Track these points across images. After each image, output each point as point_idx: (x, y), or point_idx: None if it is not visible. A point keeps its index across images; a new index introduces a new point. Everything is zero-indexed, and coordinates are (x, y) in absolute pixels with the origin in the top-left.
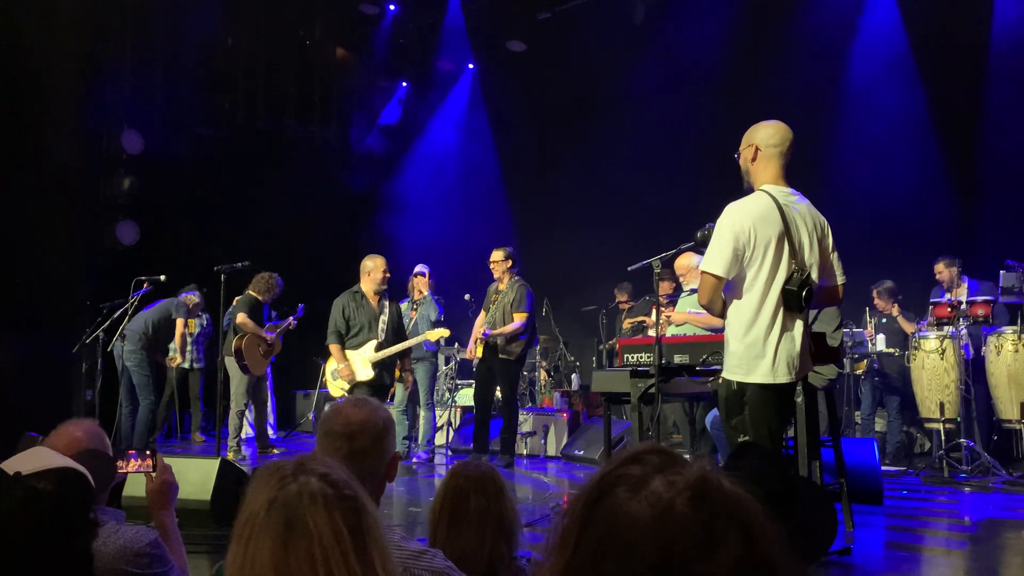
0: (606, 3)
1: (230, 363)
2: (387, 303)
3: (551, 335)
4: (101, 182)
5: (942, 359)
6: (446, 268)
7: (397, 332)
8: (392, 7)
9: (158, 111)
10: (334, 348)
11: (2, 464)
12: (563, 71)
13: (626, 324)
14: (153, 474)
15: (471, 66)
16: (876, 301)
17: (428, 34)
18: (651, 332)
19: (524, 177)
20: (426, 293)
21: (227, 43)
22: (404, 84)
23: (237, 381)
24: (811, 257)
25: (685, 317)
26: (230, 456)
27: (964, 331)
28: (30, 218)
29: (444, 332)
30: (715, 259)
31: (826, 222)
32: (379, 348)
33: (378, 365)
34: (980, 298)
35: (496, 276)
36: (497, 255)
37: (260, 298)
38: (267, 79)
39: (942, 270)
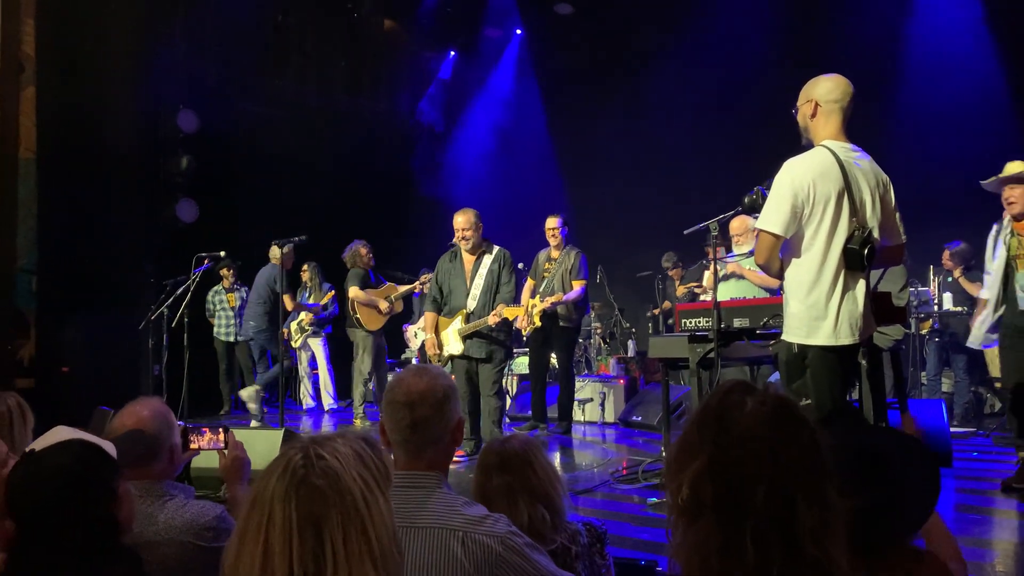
0: None
1: (352, 334)
2: (488, 258)
3: (606, 302)
4: (159, 162)
5: None
6: (497, 236)
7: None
8: None
9: (211, 90)
10: (427, 317)
11: (31, 445)
12: (611, 32)
13: (681, 290)
14: (225, 451)
15: (519, 32)
16: (945, 262)
17: (475, 1)
18: (703, 298)
19: (574, 142)
20: None
21: (276, 20)
22: (452, 53)
23: (362, 351)
24: (873, 215)
25: (742, 270)
26: (356, 423)
27: None
28: (93, 201)
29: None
30: (772, 217)
31: (888, 179)
32: (469, 319)
33: (469, 338)
34: None
35: (554, 244)
36: (553, 222)
37: (365, 268)
38: (317, 54)
39: None
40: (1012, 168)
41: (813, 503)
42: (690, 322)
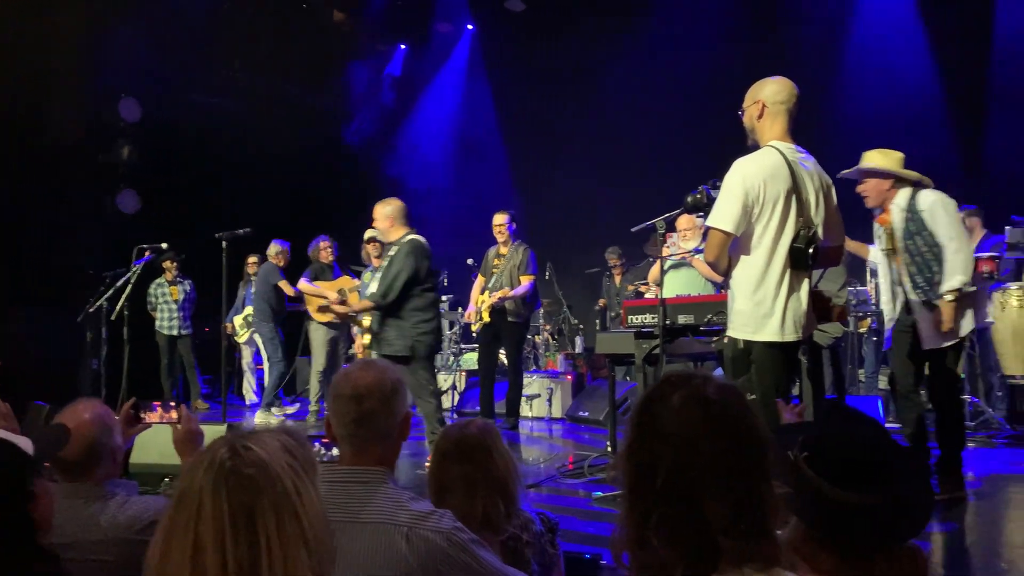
0: None
1: (308, 327)
2: (394, 249)
3: (554, 298)
4: (100, 152)
5: None
6: (447, 231)
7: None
8: None
9: (155, 79)
10: None
11: None
12: (563, 30)
13: (629, 288)
14: (178, 425)
15: (470, 27)
16: None
17: None
18: (648, 295)
19: (525, 139)
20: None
21: (223, 8)
22: (402, 47)
23: (316, 344)
24: (817, 215)
25: (690, 258)
26: (310, 419)
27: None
28: (31, 191)
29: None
30: (724, 215)
31: (831, 181)
32: None
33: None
34: (986, 254)
35: (500, 240)
36: (501, 218)
37: (323, 262)
38: (265, 44)
39: (964, 220)
40: (867, 159)
41: (727, 498)
42: (636, 318)
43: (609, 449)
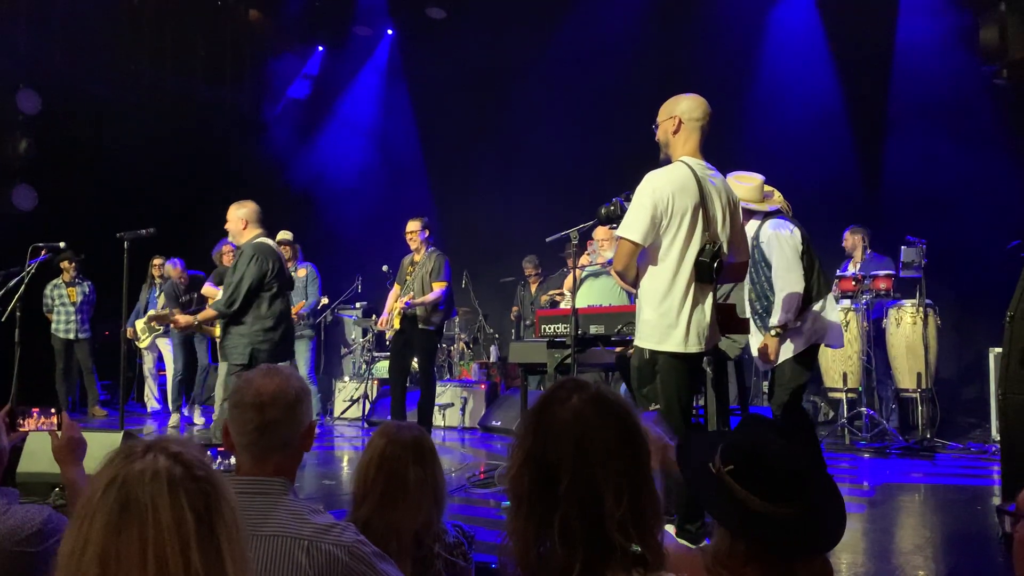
0: None
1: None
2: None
3: (470, 307)
4: None
5: (845, 331)
6: (363, 237)
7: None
8: None
9: (57, 70)
10: None
11: None
12: (483, 39)
13: (544, 298)
14: (59, 432)
15: (390, 32)
16: None
17: None
18: (564, 304)
19: (443, 146)
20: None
21: (133, 1)
22: (320, 49)
23: (222, 352)
24: (723, 231)
25: (608, 267)
26: (214, 428)
27: (865, 304)
28: None
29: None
30: (633, 225)
31: (738, 199)
32: None
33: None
34: (882, 272)
35: (413, 247)
36: (414, 225)
37: (227, 266)
38: (175, 39)
39: (848, 237)
40: None
41: (623, 496)
42: (549, 328)
43: None
